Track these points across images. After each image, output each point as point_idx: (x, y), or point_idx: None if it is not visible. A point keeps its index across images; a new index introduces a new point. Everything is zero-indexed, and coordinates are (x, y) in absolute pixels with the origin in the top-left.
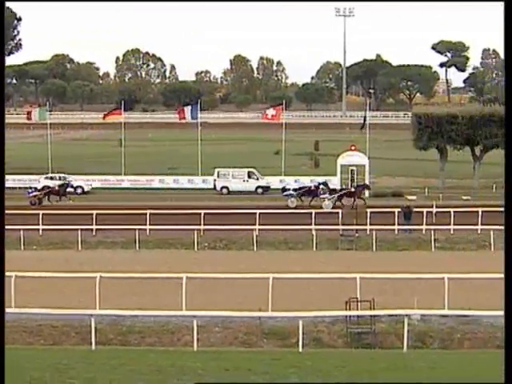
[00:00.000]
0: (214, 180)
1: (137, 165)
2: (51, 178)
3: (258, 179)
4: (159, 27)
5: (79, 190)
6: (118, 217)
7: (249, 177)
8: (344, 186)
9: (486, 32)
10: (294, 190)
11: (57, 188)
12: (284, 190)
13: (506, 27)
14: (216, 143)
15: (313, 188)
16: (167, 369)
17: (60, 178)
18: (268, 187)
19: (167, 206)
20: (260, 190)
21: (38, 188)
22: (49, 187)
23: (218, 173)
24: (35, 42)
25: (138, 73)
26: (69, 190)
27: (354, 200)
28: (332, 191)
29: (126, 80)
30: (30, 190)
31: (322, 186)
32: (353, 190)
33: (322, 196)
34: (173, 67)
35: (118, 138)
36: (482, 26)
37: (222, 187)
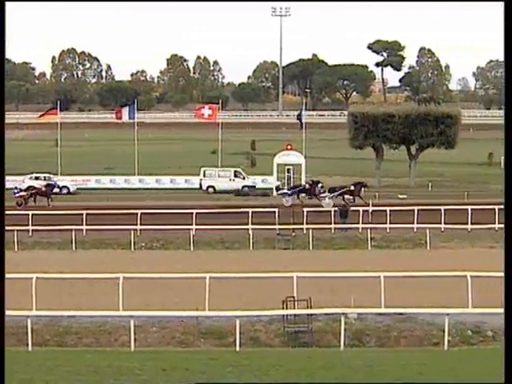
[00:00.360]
0: (200, 179)
1: (73, 165)
2: (36, 178)
3: (244, 178)
4: (95, 27)
5: (65, 191)
6: (56, 217)
7: (235, 176)
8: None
9: (422, 32)
10: (289, 188)
11: (43, 188)
12: (278, 189)
13: (505, 27)
14: (153, 143)
15: (308, 187)
16: (104, 369)
17: (45, 178)
18: (254, 186)
19: (105, 206)
20: (246, 190)
21: (23, 188)
22: (34, 187)
23: (204, 172)
24: None
25: (74, 73)
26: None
27: (354, 198)
28: (332, 190)
29: (62, 80)
30: (15, 191)
31: (320, 185)
32: (352, 188)
33: (321, 195)
34: (109, 67)
35: (54, 138)
36: (417, 25)
37: (208, 186)
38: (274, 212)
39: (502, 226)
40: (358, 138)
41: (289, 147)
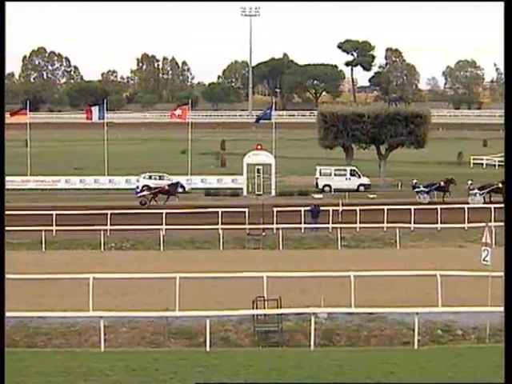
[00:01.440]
0: (316, 178)
1: (43, 165)
2: (150, 178)
3: (359, 177)
4: (65, 26)
5: (180, 190)
6: (25, 217)
7: (351, 175)
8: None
9: (392, 32)
10: (425, 186)
11: (167, 187)
12: (414, 187)
13: (505, 27)
14: (122, 143)
15: (442, 184)
16: (75, 370)
17: (160, 177)
18: (369, 185)
19: (76, 206)
20: (362, 188)
21: (140, 187)
22: (150, 187)
23: (320, 171)
24: None
25: (44, 73)
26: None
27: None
28: (481, 187)
29: (32, 80)
30: (137, 190)
31: (470, 182)
32: (500, 185)
33: (471, 192)
34: (75, 68)
35: (23, 138)
36: (387, 26)
37: (325, 185)
38: (244, 212)
39: (471, 225)
40: (328, 138)
41: (259, 147)
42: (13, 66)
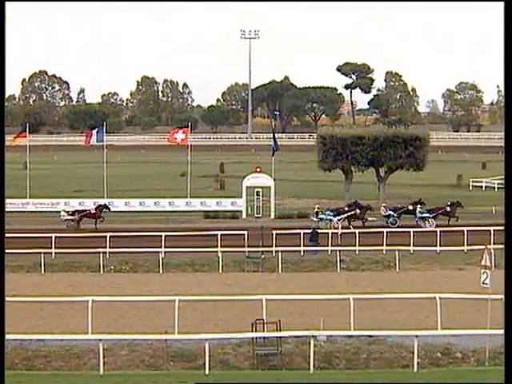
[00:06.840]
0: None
1: (42, 188)
2: None
3: None
4: (66, 48)
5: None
6: (24, 240)
7: None
8: None
9: (392, 53)
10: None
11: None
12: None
13: (505, 27)
14: (121, 165)
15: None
16: None
17: None
18: None
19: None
20: None
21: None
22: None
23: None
24: None
25: (44, 95)
26: None
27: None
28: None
29: (31, 102)
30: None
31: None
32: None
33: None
34: (77, 89)
35: (23, 160)
36: (388, 47)
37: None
38: (243, 235)
39: (471, 247)
40: (327, 161)
41: (258, 170)
42: (13, 88)
